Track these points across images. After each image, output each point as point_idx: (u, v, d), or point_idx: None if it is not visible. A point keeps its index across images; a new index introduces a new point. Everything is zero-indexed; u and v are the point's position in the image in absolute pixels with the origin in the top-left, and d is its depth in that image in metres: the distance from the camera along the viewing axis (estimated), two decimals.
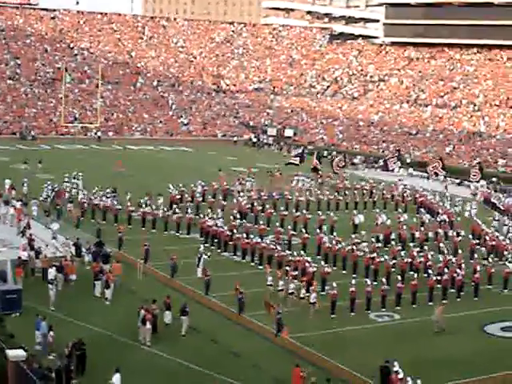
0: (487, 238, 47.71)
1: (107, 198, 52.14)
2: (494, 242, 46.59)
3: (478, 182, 69.48)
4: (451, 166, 77.00)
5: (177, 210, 49.92)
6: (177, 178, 61.13)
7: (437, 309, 33.46)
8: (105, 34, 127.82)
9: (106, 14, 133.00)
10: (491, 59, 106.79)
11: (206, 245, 43.90)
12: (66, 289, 35.11)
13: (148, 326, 29.38)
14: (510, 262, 42.21)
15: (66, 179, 58.54)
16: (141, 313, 29.78)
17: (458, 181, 74.22)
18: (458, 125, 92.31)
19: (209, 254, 40.54)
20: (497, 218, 55.43)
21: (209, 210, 50.74)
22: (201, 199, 55.90)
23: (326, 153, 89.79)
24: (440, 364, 28.91)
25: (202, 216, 48.74)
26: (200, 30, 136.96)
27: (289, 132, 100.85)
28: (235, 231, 44.71)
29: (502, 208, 60.27)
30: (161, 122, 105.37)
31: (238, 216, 50.31)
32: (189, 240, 46.37)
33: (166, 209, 50.63)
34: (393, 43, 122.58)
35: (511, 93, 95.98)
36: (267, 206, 54.39)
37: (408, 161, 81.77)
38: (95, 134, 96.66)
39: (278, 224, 48.21)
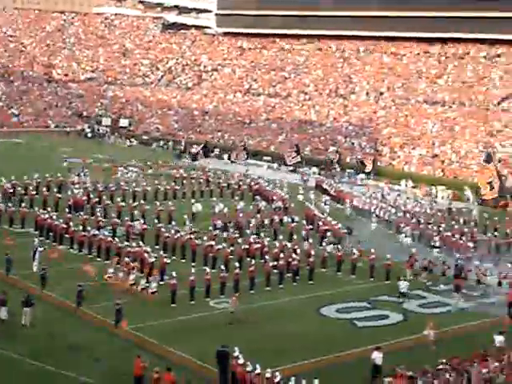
0: (320, 222, 49.28)
1: None
2: (327, 227, 48.13)
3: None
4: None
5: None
6: (8, 171, 59.23)
7: (231, 300, 33.53)
8: None
9: None
10: (320, 49, 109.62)
11: (42, 238, 43.03)
12: None
13: None
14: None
15: None
16: None
17: (291, 168, 75.98)
18: (290, 114, 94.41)
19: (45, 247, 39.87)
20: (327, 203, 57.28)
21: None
22: (35, 192, 54.49)
23: (162, 142, 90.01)
24: (279, 347, 29.63)
25: (36, 209, 47.74)
26: (30, 20, 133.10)
27: (124, 122, 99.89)
28: (71, 224, 43.98)
29: (334, 194, 62.31)
30: None
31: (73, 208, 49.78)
32: (23, 234, 45.28)
33: None
34: (225, 33, 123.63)
35: (340, 82, 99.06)
36: (104, 198, 53.80)
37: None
38: None
39: (114, 215, 47.88)
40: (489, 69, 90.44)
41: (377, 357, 27.47)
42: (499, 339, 29.40)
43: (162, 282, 35.93)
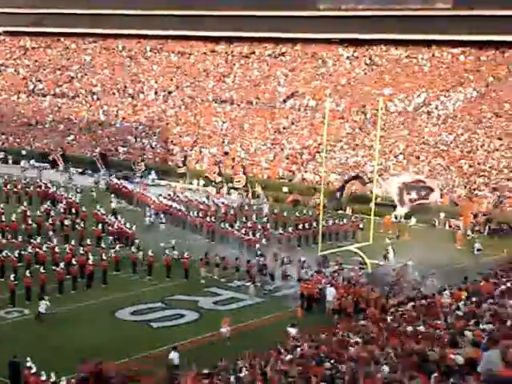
0: (115, 226, 48.39)
1: None
2: (115, 228, 47.54)
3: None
4: (74, 156, 77.48)
5: None
6: None
7: None
8: None
9: None
10: (107, 48, 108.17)
11: None
12: None
13: None
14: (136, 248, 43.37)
15: None
16: None
17: (80, 170, 74.34)
18: (78, 114, 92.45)
19: None
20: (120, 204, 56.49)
21: None
22: None
23: None
24: (75, 354, 28.79)
25: None
26: None
27: None
28: None
29: (126, 195, 61.69)
30: None
31: None
32: None
33: None
34: (7, 32, 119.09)
35: (128, 81, 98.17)
36: None
37: (24, 152, 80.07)
38: None
39: None
40: (274, 67, 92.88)
41: (174, 357, 27.38)
42: (292, 331, 30.06)
43: None
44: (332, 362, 20.92)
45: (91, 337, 31.12)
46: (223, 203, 58.29)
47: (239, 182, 65.15)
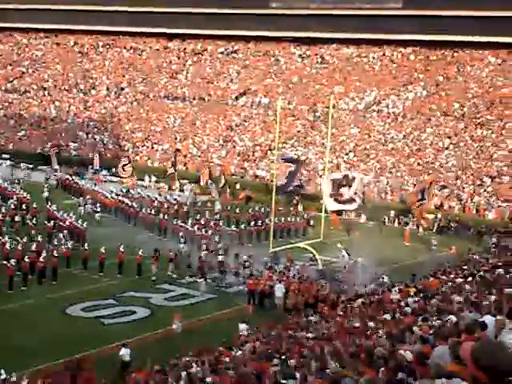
0: (67, 223, 48.06)
1: None
2: (66, 225, 47.27)
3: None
4: (25, 151, 76.84)
5: None
6: None
7: None
8: None
9: None
10: (59, 44, 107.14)
11: None
12: None
13: None
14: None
15: None
16: None
17: (31, 166, 73.70)
18: (29, 110, 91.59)
19: None
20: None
21: None
22: None
23: None
24: (25, 350, 28.67)
25: None
26: None
27: None
28: None
29: (80, 191, 61.35)
30: None
31: None
32: None
33: None
34: None
35: (80, 77, 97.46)
36: None
37: None
38: None
39: None
40: (226, 64, 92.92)
41: (125, 353, 27.39)
42: (243, 327, 30.30)
43: None
44: (282, 357, 21.13)
45: (42, 333, 30.98)
46: (175, 200, 58.26)
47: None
